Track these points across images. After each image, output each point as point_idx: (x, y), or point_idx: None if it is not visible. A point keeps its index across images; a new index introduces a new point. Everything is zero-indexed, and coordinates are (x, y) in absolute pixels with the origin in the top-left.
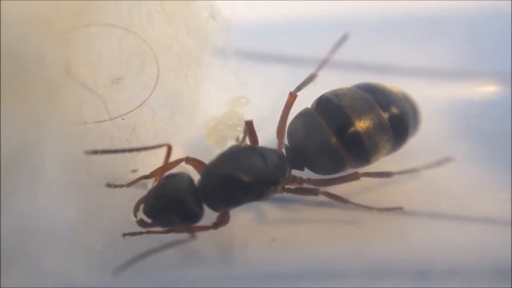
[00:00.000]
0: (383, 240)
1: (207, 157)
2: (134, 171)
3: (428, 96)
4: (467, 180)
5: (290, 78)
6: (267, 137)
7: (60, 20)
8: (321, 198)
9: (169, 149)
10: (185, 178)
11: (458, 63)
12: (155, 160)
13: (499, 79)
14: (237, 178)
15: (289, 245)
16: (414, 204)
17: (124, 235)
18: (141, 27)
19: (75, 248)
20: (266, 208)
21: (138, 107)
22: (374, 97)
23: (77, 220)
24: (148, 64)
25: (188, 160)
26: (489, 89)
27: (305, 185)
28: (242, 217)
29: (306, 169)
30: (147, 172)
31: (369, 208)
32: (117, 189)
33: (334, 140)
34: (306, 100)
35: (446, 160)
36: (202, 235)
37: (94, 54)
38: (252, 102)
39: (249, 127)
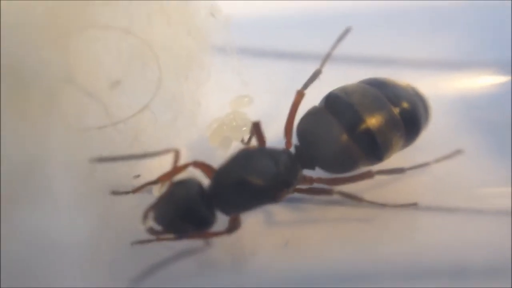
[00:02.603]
0: (395, 236)
1: (211, 159)
2: (137, 176)
3: (433, 88)
4: (477, 172)
5: (292, 75)
6: (272, 136)
7: (57, 24)
8: (332, 197)
9: (177, 154)
10: (194, 184)
11: (463, 54)
12: (158, 164)
13: (505, 69)
14: (249, 183)
15: (303, 246)
16: (424, 199)
17: (133, 243)
18: (140, 28)
19: (87, 259)
20: (276, 210)
21: (140, 111)
22: (384, 92)
23: (86, 230)
24: (149, 66)
25: (196, 164)
26: (495, 80)
27: (315, 185)
28: (252, 220)
29: (316, 169)
30: (150, 177)
31: (383, 205)
32: (122, 196)
33: (346, 138)
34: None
35: (456, 153)
36: (215, 242)
37: (93, 58)
38: (255, 101)
39: (256, 128)
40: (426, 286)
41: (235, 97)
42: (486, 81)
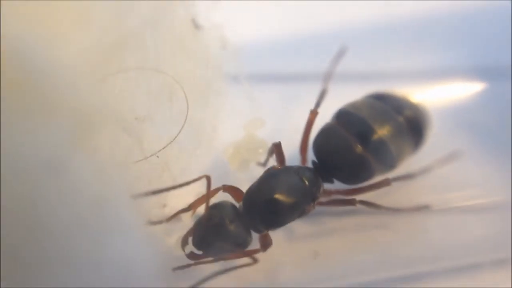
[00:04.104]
0: (410, 238)
1: (231, 183)
2: (165, 205)
3: (426, 97)
4: (476, 170)
5: (294, 95)
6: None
7: (92, 68)
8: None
9: (208, 180)
10: (229, 206)
11: (450, 61)
12: (183, 192)
13: (493, 72)
14: (280, 200)
15: (330, 257)
16: (430, 200)
17: (174, 269)
18: (167, 66)
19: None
20: (298, 226)
21: (170, 143)
22: (388, 104)
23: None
24: (175, 99)
25: (225, 188)
26: (485, 84)
27: (333, 197)
28: (278, 237)
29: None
30: (176, 205)
31: (398, 210)
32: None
33: (361, 150)
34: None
35: (456, 155)
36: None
37: (127, 97)
38: (267, 123)
39: (277, 148)
40: (440, 282)
41: (248, 121)
42: (476, 84)
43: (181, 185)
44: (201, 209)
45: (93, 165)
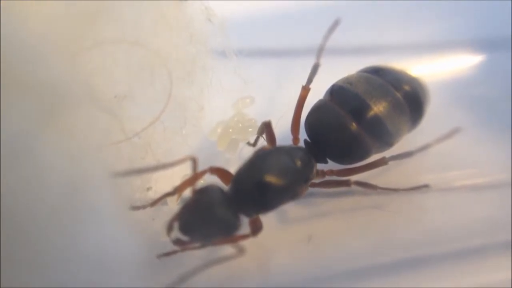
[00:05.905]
0: (407, 219)
1: (219, 163)
2: (149, 189)
3: (424, 70)
4: (477, 147)
5: (289, 71)
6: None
7: (67, 42)
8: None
9: (194, 161)
10: (216, 190)
11: (449, 33)
12: (168, 175)
13: (493, 44)
14: (271, 183)
15: (325, 240)
16: (429, 179)
17: (159, 256)
18: (147, 40)
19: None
20: (291, 207)
21: (153, 122)
22: (384, 78)
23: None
24: (157, 76)
25: (213, 170)
26: (484, 56)
27: (327, 177)
28: (270, 221)
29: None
30: (161, 188)
31: (396, 190)
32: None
33: (357, 128)
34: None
35: (455, 131)
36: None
37: (105, 73)
38: (257, 100)
39: (267, 127)
40: (441, 267)
41: (237, 99)
42: (474, 57)
43: (164, 167)
44: (188, 193)
45: (66, 148)
